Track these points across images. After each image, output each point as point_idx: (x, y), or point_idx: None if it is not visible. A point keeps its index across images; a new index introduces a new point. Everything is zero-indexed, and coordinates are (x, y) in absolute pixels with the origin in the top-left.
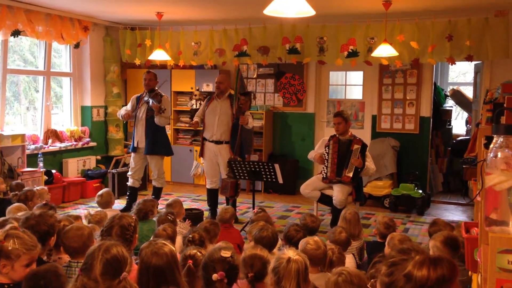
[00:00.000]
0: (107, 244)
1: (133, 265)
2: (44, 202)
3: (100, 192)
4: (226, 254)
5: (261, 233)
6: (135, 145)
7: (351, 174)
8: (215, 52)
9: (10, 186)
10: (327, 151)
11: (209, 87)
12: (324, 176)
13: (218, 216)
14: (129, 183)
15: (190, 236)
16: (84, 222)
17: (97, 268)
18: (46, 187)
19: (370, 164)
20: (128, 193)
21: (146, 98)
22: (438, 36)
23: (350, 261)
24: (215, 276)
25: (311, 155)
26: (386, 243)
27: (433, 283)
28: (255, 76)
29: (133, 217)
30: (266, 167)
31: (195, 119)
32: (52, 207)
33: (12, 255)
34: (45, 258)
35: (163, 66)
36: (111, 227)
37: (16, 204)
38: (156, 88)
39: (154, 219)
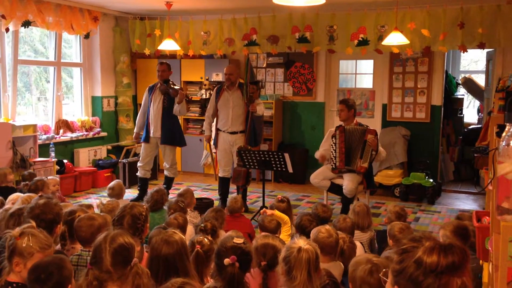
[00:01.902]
0: (112, 234)
1: (144, 253)
2: (39, 194)
3: (111, 185)
4: (238, 240)
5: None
6: (150, 134)
7: (366, 165)
8: (224, 42)
9: (22, 176)
10: (334, 141)
11: (218, 77)
12: (333, 166)
13: (228, 206)
14: (140, 175)
15: (203, 225)
16: (97, 211)
17: (107, 260)
18: (57, 177)
19: (381, 147)
20: (139, 185)
21: (162, 88)
22: (450, 23)
23: (358, 249)
24: (226, 261)
25: (317, 154)
26: (387, 232)
27: (443, 269)
28: (264, 65)
29: (144, 207)
30: (276, 156)
31: (207, 127)
32: (50, 198)
33: (25, 252)
34: (57, 247)
35: (172, 56)
36: (122, 217)
37: (27, 194)
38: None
39: (165, 207)
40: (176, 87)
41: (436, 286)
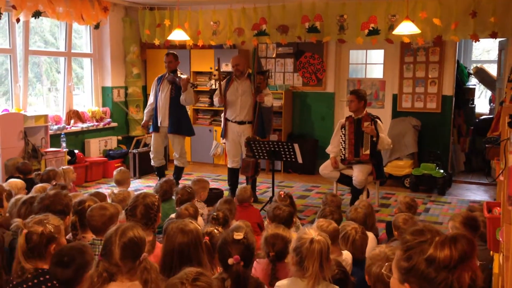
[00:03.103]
0: (123, 227)
1: (156, 243)
2: (53, 183)
3: (118, 169)
4: (238, 236)
5: (274, 212)
6: (158, 124)
7: (368, 151)
8: (234, 32)
9: (17, 168)
10: (343, 132)
11: (228, 67)
12: (343, 157)
13: (237, 196)
14: (155, 164)
15: (215, 214)
16: (108, 201)
17: (116, 253)
18: (71, 167)
19: (384, 134)
20: (156, 174)
21: (169, 78)
22: (462, 12)
23: (371, 239)
24: (230, 261)
25: (330, 154)
26: (392, 224)
27: (456, 262)
28: (274, 55)
29: (156, 196)
30: (285, 146)
31: (218, 96)
32: (64, 187)
33: (56, 234)
34: (67, 237)
35: (182, 46)
36: (135, 206)
37: (40, 184)
38: (178, 70)
39: (174, 197)
40: (183, 76)
41: (449, 281)
